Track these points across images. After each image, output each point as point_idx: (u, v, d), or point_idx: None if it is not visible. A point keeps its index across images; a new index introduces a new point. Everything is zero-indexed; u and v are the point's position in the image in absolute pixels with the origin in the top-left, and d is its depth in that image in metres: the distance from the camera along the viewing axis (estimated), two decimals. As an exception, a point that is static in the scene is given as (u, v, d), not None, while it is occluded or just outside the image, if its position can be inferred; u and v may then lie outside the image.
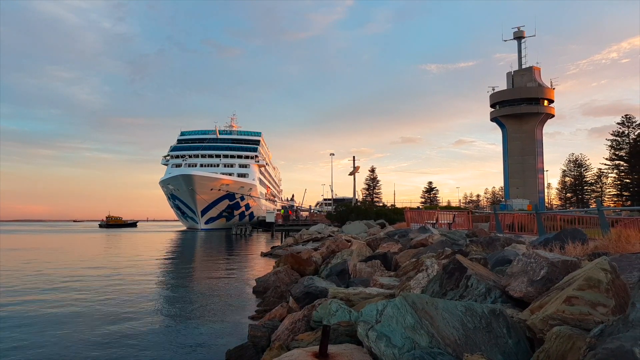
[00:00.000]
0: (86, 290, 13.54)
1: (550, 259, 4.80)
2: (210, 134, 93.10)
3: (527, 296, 4.60)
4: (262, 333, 6.95)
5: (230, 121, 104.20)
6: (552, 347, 3.16)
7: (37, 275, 17.23)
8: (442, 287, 5.48)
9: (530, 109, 61.05)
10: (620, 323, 2.92)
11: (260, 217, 79.69)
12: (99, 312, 10.50)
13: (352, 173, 70.52)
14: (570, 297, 3.66)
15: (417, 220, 25.46)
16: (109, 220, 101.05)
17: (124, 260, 23.85)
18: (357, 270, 11.01)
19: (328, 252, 18.01)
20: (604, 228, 10.86)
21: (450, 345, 3.63)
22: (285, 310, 8.49)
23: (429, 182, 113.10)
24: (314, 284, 8.70)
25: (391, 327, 3.83)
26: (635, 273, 4.65)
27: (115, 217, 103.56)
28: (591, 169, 78.50)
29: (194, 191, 72.48)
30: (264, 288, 12.85)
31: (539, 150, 62.27)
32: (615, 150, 67.01)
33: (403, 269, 8.84)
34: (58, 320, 9.68)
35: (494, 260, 7.45)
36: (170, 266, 21.39)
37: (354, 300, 6.88)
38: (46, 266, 20.75)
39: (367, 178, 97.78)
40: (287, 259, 15.35)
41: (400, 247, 14.07)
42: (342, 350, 4.26)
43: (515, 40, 64.65)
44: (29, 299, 12.26)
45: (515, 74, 63.82)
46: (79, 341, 8.03)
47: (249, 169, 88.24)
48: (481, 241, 10.97)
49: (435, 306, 3.99)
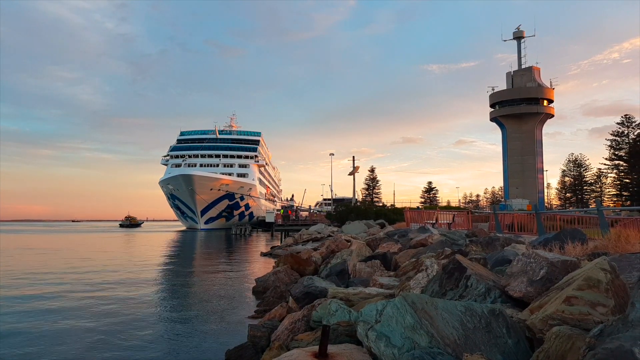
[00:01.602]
0: (86, 289, 13.54)
1: (550, 259, 4.80)
2: (209, 133, 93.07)
3: (527, 296, 4.60)
4: (261, 333, 6.95)
5: (229, 121, 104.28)
6: (551, 347, 3.16)
7: (35, 274, 17.24)
8: (442, 287, 5.48)
9: (529, 109, 61.03)
10: (619, 323, 2.92)
11: (259, 217, 79.69)
12: (98, 310, 10.50)
13: (352, 173, 70.58)
14: (570, 297, 3.66)
15: (416, 220, 25.46)
16: (130, 220, 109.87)
17: (124, 260, 23.85)
18: (357, 270, 11.01)
19: (328, 252, 18.01)
20: (604, 228, 10.87)
21: (450, 345, 3.63)
22: (284, 310, 8.49)
23: (428, 182, 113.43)
24: (313, 284, 8.70)
25: (391, 327, 3.82)
26: (634, 273, 4.65)
27: (132, 217, 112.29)
28: (591, 169, 78.61)
29: (193, 191, 72.45)
30: (264, 288, 12.84)
31: (538, 150, 62.27)
32: (614, 150, 67.04)
33: (403, 269, 8.84)
34: (56, 319, 9.67)
35: (493, 260, 7.45)
36: (169, 266, 21.39)
37: (354, 300, 6.88)
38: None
39: (366, 178, 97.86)
40: (287, 259, 15.35)
41: (399, 247, 14.07)
42: (342, 350, 4.26)
43: (515, 41, 64.68)
44: (27, 293, 12.26)
45: (514, 74, 63.80)
46: (78, 340, 8.02)
47: (249, 169, 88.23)
48: (481, 241, 10.97)
49: (435, 306, 3.99)
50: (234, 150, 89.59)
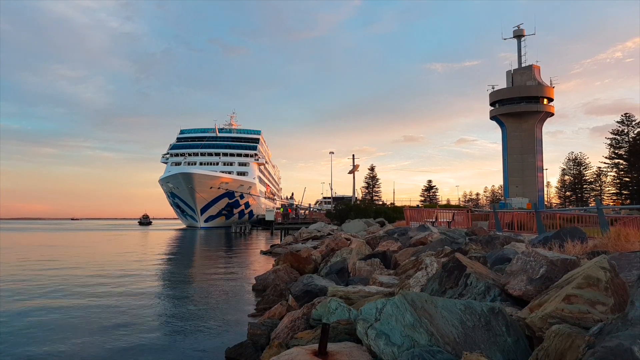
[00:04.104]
0: (85, 287, 13.54)
1: (550, 258, 4.80)
2: (209, 132, 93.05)
3: (526, 294, 4.60)
4: (261, 331, 6.96)
5: (229, 119, 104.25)
6: (551, 345, 3.17)
7: (36, 274, 17.24)
8: (442, 286, 5.49)
9: (529, 107, 61.00)
10: (619, 321, 2.93)
11: (259, 216, 79.75)
12: (97, 308, 10.50)
13: (352, 171, 70.57)
14: (570, 295, 3.66)
15: (416, 219, 25.47)
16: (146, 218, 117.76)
17: (124, 259, 23.86)
18: (357, 268, 11.02)
19: (327, 250, 18.03)
20: (603, 227, 10.87)
21: (450, 343, 3.63)
22: (284, 308, 8.50)
23: (428, 180, 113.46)
24: (313, 282, 8.71)
25: (390, 326, 3.83)
26: (634, 272, 4.66)
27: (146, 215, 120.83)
28: (590, 168, 78.68)
29: (193, 189, 72.46)
30: (264, 286, 12.85)
31: (538, 148, 62.26)
32: (614, 148, 67.12)
33: (402, 267, 8.84)
34: (54, 318, 9.68)
35: (493, 259, 7.46)
36: (169, 264, 21.39)
37: (354, 299, 6.89)
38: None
39: (366, 177, 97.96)
40: (287, 257, 15.36)
41: (399, 245, 14.08)
42: (342, 348, 4.26)
43: (515, 39, 64.64)
44: (26, 292, 12.26)
45: (514, 72, 63.75)
46: (76, 339, 8.03)
47: (249, 167, 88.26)
48: (480, 240, 10.98)
49: (435, 305, 3.99)
50: (233, 148, 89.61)
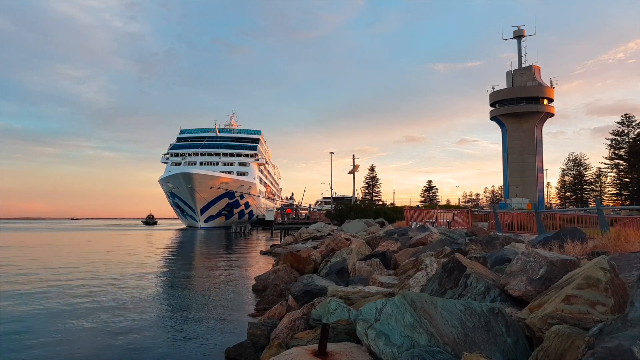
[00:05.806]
0: (84, 287, 13.54)
1: (550, 258, 4.80)
2: (210, 132, 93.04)
3: (526, 295, 4.60)
4: (261, 331, 6.96)
5: (230, 119, 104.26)
6: (550, 345, 3.17)
7: (36, 273, 17.23)
8: (441, 286, 5.49)
9: (529, 107, 61.02)
10: (619, 322, 2.93)
11: (259, 216, 79.74)
12: (97, 308, 10.49)
13: (352, 172, 70.61)
14: (569, 296, 3.66)
15: (416, 219, 25.47)
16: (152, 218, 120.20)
17: (123, 257, 23.85)
18: (357, 268, 11.02)
19: (327, 250, 18.03)
20: (603, 227, 10.87)
21: (449, 343, 3.63)
22: (284, 308, 8.50)
23: (428, 180, 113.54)
24: (313, 282, 8.70)
25: (390, 326, 3.83)
26: (634, 272, 4.66)
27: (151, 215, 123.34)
28: (590, 168, 78.70)
29: (193, 189, 72.45)
30: (263, 286, 12.85)
31: (538, 149, 62.28)
32: (614, 149, 67.13)
33: (402, 267, 8.85)
34: (53, 317, 9.68)
35: (493, 259, 7.46)
36: (169, 264, 21.39)
37: (353, 299, 6.89)
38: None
39: (366, 177, 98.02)
40: (287, 257, 15.36)
41: (399, 245, 14.09)
42: (341, 348, 4.26)
43: (515, 39, 64.65)
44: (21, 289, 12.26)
45: (515, 73, 63.77)
46: (76, 338, 8.03)
47: (249, 167, 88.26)
48: (480, 240, 10.98)
49: (435, 305, 3.99)
50: (233, 148, 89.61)
